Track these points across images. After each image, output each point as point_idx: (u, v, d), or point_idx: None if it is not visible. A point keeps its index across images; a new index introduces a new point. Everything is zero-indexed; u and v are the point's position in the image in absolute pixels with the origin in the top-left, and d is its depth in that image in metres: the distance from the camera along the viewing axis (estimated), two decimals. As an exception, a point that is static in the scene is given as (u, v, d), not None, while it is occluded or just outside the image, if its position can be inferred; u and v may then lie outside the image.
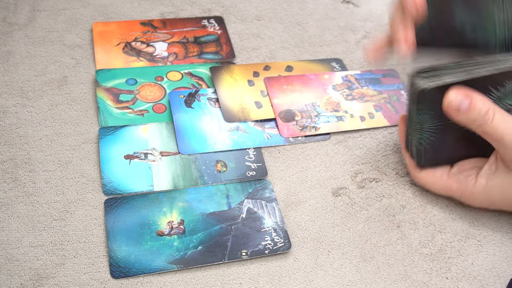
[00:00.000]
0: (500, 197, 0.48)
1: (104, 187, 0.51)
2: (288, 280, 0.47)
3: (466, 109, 0.45)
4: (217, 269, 0.48)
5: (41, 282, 0.45)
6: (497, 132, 0.45)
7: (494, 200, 0.49)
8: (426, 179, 0.52)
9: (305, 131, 0.58)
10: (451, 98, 0.45)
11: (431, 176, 0.52)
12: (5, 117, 0.56)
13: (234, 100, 0.60)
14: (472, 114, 0.45)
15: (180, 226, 0.50)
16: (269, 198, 0.53)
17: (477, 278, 0.49)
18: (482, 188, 0.49)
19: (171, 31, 0.67)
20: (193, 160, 0.55)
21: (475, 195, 0.50)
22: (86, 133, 0.56)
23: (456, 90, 0.45)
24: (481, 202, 0.50)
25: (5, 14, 0.67)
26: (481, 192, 0.49)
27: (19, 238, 0.48)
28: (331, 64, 0.66)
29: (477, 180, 0.49)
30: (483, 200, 0.50)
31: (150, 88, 0.60)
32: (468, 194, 0.50)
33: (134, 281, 0.46)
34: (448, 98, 0.45)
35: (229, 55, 0.65)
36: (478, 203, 0.50)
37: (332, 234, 0.51)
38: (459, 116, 0.46)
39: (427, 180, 0.52)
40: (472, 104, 0.45)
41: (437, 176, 0.52)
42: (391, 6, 0.52)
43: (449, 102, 0.45)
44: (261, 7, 0.73)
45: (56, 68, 0.62)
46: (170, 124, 0.57)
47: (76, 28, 0.66)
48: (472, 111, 0.45)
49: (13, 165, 0.53)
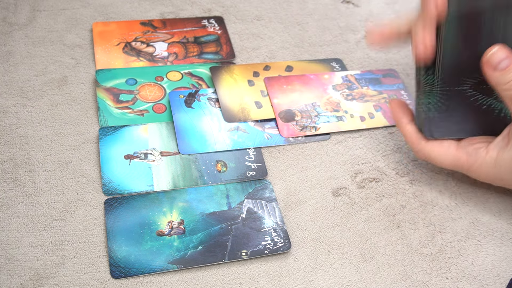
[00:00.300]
0: (509, 171, 0.47)
1: (104, 187, 0.51)
2: (288, 280, 0.47)
3: (504, 67, 0.45)
4: (217, 269, 0.48)
5: (41, 282, 0.45)
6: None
7: (502, 174, 0.48)
8: (432, 151, 0.50)
9: (305, 131, 0.58)
10: (494, 52, 0.45)
11: (437, 147, 0.50)
12: (5, 117, 0.56)
13: (234, 100, 0.60)
14: (508, 74, 0.45)
15: (180, 226, 0.50)
16: (269, 198, 0.53)
17: (477, 278, 0.49)
18: (492, 160, 0.48)
19: (171, 31, 0.67)
20: (193, 160, 0.55)
21: (483, 168, 0.48)
22: (86, 133, 0.56)
23: (500, 46, 0.45)
24: (489, 176, 0.49)
25: (5, 14, 0.67)
26: (491, 165, 0.48)
27: (19, 238, 0.48)
28: (331, 64, 0.66)
29: (487, 152, 0.48)
30: (491, 173, 0.48)
31: (150, 88, 0.60)
32: (476, 166, 0.49)
33: (134, 281, 0.46)
34: (491, 53, 0.45)
35: (229, 55, 0.65)
36: (485, 177, 0.49)
37: (332, 234, 0.51)
38: (494, 73, 0.45)
39: (433, 152, 0.50)
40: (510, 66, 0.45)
41: (444, 147, 0.50)
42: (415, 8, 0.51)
43: (490, 56, 0.45)
44: (261, 7, 0.73)
45: (56, 68, 0.62)
46: (170, 124, 0.57)
47: (76, 28, 0.66)
48: (508, 72, 0.45)
49: (13, 165, 0.53)
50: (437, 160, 0.51)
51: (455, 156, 0.50)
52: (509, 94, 0.46)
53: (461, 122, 0.50)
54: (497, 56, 0.45)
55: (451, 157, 0.50)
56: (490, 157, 0.48)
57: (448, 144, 0.50)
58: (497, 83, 0.46)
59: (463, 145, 0.50)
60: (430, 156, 0.51)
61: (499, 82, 0.46)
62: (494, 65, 0.45)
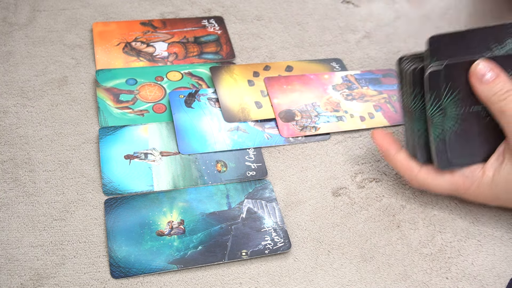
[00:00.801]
0: (505, 190, 0.47)
1: (104, 187, 0.51)
2: (288, 280, 0.47)
3: (490, 80, 0.45)
4: (217, 269, 0.48)
5: (41, 282, 0.45)
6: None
7: (499, 193, 0.48)
8: (427, 178, 0.50)
9: (305, 131, 0.58)
10: (478, 66, 0.46)
11: (432, 174, 0.49)
12: (5, 117, 0.56)
13: (234, 100, 0.60)
14: (494, 86, 0.45)
15: (180, 226, 0.50)
16: (269, 198, 0.53)
17: (477, 278, 0.49)
18: (489, 180, 0.48)
19: (171, 31, 0.67)
20: (193, 160, 0.55)
21: (481, 189, 0.48)
22: (86, 133, 0.56)
23: (484, 60, 0.46)
24: (486, 197, 0.49)
25: (5, 14, 0.67)
26: (488, 185, 0.48)
27: (19, 238, 0.48)
28: (331, 64, 0.66)
29: (484, 173, 0.48)
30: (488, 194, 0.48)
31: (150, 88, 0.60)
32: (474, 189, 0.49)
33: (134, 281, 0.46)
34: (475, 65, 0.46)
35: (229, 55, 0.65)
36: (483, 198, 0.49)
37: (332, 234, 0.51)
38: (481, 86, 0.46)
39: (428, 179, 0.50)
40: (497, 77, 0.45)
41: (439, 173, 0.49)
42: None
43: (475, 70, 0.46)
44: (261, 7, 0.73)
45: (56, 68, 0.62)
46: (170, 124, 0.57)
47: (76, 28, 0.66)
48: (495, 83, 0.45)
49: (13, 165, 0.53)
50: (432, 186, 0.50)
51: (452, 180, 0.49)
52: (497, 107, 0.46)
53: (478, 144, 0.49)
54: (481, 69, 0.46)
55: (447, 182, 0.49)
56: (487, 177, 0.48)
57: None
58: (485, 97, 0.46)
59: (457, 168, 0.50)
60: (425, 183, 0.50)
61: (486, 95, 0.46)
62: (479, 78, 0.46)
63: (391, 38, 0.70)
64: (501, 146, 0.48)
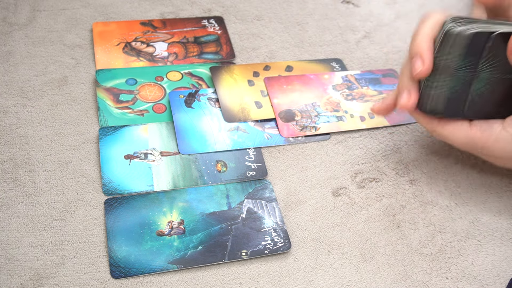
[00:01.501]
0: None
1: (104, 187, 0.51)
2: (288, 280, 0.47)
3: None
4: (217, 269, 0.48)
5: (41, 282, 0.45)
6: None
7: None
8: (444, 129, 0.49)
9: (305, 131, 0.58)
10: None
11: (449, 126, 0.49)
12: (5, 117, 0.56)
13: (234, 100, 0.60)
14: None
15: (180, 226, 0.50)
16: (269, 198, 0.53)
17: (477, 278, 0.49)
18: (508, 135, 0.47)
19: (171, 31, 0.67)
20: (193, 160, 0.55)
21: (500, 143, 0.47)
22: (86, 133, 0.56)
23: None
24: (504, 152, 0.48)
25: (5, 14, 0.67)
26: (507, 140, 0.47)
27: (19, 238, 0.48)
28: (331, 64, 0.66)
29: (504, 127, 0.47)
30: (507, 149, 0.47)
31: (150, 88, 0.60)
32: (492, 142, 0.47)
33: (134, 281, 0.46)
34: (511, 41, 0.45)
35: (229, 55, 0.65)
36: (501, 153, 0.48)
37: (332, 234, 0.51)
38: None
39: (445, 130, 0.49)
40: None
41: (457, 125, 0.49)
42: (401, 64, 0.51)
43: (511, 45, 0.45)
44: (261, 7, 0.73)
45: (56, 68, 0.62)
46: (170, 124, 0.57)
47: (76, 28, 0.66)
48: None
49: (13, 165, 0.53)
50: (450, 138, 0.50)
51: (469, 133, 0.48)
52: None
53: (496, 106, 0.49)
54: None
55: (464, 134, 0.49)
56: (506, 131, 0.47)
57: (461, 122, 0.49)
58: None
59: (476, 122, 0.49)
60: (443, 134, 0.50)
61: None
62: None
63: (391, 38, 0.70)
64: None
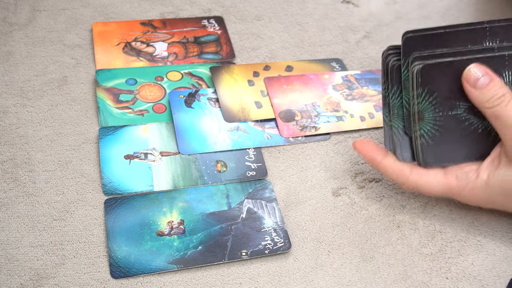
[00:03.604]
0: (500, 193, 0.46)
1: (104, 187, 0.51)
2: (288, 280, 0.47)
3: (483, 85, 0.44)
4: (217, 269, 0.48)
5: (41, 282, 0.45)
6: (510, 118, 0.44)
7: (494, 196, 0.47)
8: (419, 180, 0.48)
9: (305, 131, 0.58)
10: (472, 71, 0.44)
11: (424, 176, 0.48)
12: (5, 117, 0.56)
13: (234, 100, 0.60)
14: (488, 92, 0.44)
15: (180, 226, 0.50)
16: (269, 198, 0.53)
17: (477, 278, 0.49)
18: (483, 183, 0.46)
19: (171, 31, 0.67)
20: (193, 160, 0.55)
21: (475, 191, 0.47)
22: (86, 133, 0.56)
23: (477, 64, 0.45)
24: (481, 199, 0.48)
25: (5, 14, 0.67)
26: (482, 188, 0.47)
27: (19, 238, 0.48)
28: (331, 64, 0.66)
29: (478, 175, 0.46)
30: (483, 196, 0.47)
31: (150, 88, 0.60)
32: (468, 191, 0.47)
33: (134, 281, 0.46)
34: (468, 70, 0.44)
35: (229, 55, 0.65)
36: (476, 200, 0.48)
37: (332, 234, 0.51)
38: (475, 91, 0.44)
39: (420, 181, 0.48)
40: (491, 82, 0.44)
41: (431, 174, 0.48)
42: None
43: (468, 75, 0.44)
44: (261, 7, 0.73)
45: (56, 68, 0.62)
46: (170, 124, 0.57)
47: (76, 28, 0.66)
48: (489, 89, 0.44)
49: (13, 165, 0.53)
50: (425, 188, 0.48)
51: (445, 182, 0.48)
52: (491, 112, 0.44)
53: (456, 149, 0.48)
54: (474, 73, 0.44)
55: (440, 184, 0.48)
56: (481, 179, 0.46)
57: (435, 171, 0.48)
58: (479, 101, 0.45)
59: (451, 170, 0.48)
60: (417, 185, 0.48)
61: (480, 100, 0.45)
62: (473, 83, 0.45)
63: (391, 38, 0.70)
64: (496, 149, 0.47)
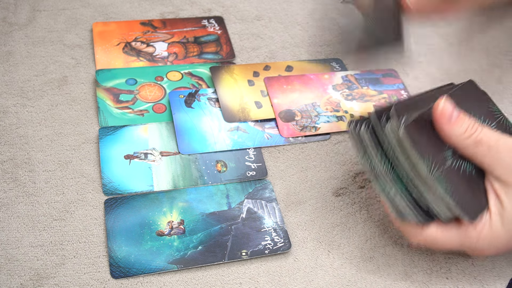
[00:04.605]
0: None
1: (104, 187, 0.51)
2: (288, 280, 0.47)
3: (457, 117, 0.43)
4: (217, 269, 0.48)
5: (41, 282, 0.45)
6: (491, 139, 0.43)
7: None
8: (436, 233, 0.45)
9: (305, 131, 0.58)
10: (443, 106, 0.43)
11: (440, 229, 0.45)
12: (5, 117, 0.56)
13: (234, 100, 0.60)
14: (464, 122, 0.44)
15: (180, 226, 0.50)
16: (269, 198, 0.53)
17: (477, 278, 0.49)
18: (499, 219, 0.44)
19: (171, 31, 0.67)
20: (193, 160, 0.55)
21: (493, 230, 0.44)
22: (86, 133, 0.56)
23: (445, 99, 0.44)
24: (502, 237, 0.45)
25: (5, 14, 0.67)
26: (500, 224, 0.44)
27: (19, 238, 0.48)
28: (331, 64, 0.66)
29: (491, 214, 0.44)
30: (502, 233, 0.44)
31: (150, 88, 0.60)
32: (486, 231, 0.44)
33: (134, 281, 0.46)
34: (440, 105, 0.43)
35: (229, 55, 0.65)
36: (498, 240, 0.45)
37: (332, 234, 0.51)
38: (450, 126, 0.43)
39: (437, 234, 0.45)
40: (461, 114, 0.44)
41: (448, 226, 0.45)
42: None
43: (441, 110, 0.43)
44: (261, 7, 0.73)
45: (56, 68, 0.62)
46: (170, 124, 0.57)
47: (76, 28, 0.66)
48: (463, 118, 0.44)
49: (13, 165, 0.53)
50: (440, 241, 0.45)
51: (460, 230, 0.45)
52: (472, 140, 0.43)
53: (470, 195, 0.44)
54: (447, 108, 0.43)
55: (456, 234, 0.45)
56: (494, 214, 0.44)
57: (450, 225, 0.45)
58: (457, 135, 0.44)
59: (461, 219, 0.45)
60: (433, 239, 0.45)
61: (458, 132, 0.44)
62: (448, 119, 0.43)
63: (391, 38, 0.70)
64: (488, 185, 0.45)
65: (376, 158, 0.45)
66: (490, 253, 0.46)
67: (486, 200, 0.45)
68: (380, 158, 0.45)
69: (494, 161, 0.44)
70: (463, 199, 0.43)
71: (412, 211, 0.44)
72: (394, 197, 0.45)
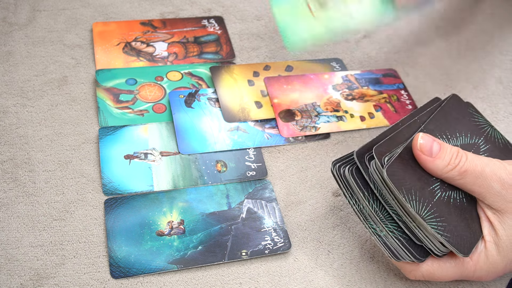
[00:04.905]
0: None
1: (104, 187, 0.51)
2: (288, 280, 0.47)
3: (438, 150, 0.42)
4: (217, 269, 0.48)
5: (41, 282, 0.45)
6: (477, 167, 0.42)
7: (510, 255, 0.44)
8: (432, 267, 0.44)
9: (305, 131, 0.58)
10: (422, 141, 0.43)
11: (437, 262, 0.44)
12: (5, 117, 0.56)
13: (234, 100, 0.60)
14: (446, 155, 0.43)
15: (180, 226, 0.50)
16: (269, 198, 0.53)
17: (477, 278, 0.49)
18: (494, 247, 0.44)
19: (171, 31, 0.67)
20: (193, 160, 0.55)
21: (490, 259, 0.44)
22: (86, 133, 0.56)
23: (422, 134, 0.43)
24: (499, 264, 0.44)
25: (5, 14, 0.67)
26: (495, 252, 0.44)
27: (19, 238, 0.48)
28: (331, 64, 0.66)
29: (486, 242, 0.44)
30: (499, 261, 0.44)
31: (150, 88, 0.60)
32: (483, 260, 0.44)
33: (134, 281, 0.46)
34: (418, 142, 0.43)
35: (229, 55, 0.65)
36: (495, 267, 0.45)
37: (332, 234, 0.51)
38: (432, 161, 0.43)
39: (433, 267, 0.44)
40: (442, 145, 0.43)
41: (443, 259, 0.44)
42: None
43: (420, 146, 0.43)
44: (261, 7, 0.73)
45: (56, 68, 0.62)
46: (170, 124, 0.57)
47: (76, 28, 0.66)
48: (445, 151, 0.43)
49: (13, 165, 0.53)
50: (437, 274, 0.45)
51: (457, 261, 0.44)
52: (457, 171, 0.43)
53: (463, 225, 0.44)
54: (427, 143, 0.43)
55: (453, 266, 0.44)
56: (490, 243, 0.44)
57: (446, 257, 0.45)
58: (441, 168, 0.43)
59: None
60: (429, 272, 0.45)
61: (442, 165, 0.43)
62: (428, 152, 0.43)
63: (391, 38, 0.70)
64: (481, 212, 0.45)
65: (364, 199, 0.44)
66: (489, 279, 0.46)
67: (480, 228, 0.44)
68: (368, 199, 0.44)
69: (483, 189, 0.43)
70: (455, 235, 0.42)
71: (405, 251, 0.43)
72: (385, 239, 0.44)
